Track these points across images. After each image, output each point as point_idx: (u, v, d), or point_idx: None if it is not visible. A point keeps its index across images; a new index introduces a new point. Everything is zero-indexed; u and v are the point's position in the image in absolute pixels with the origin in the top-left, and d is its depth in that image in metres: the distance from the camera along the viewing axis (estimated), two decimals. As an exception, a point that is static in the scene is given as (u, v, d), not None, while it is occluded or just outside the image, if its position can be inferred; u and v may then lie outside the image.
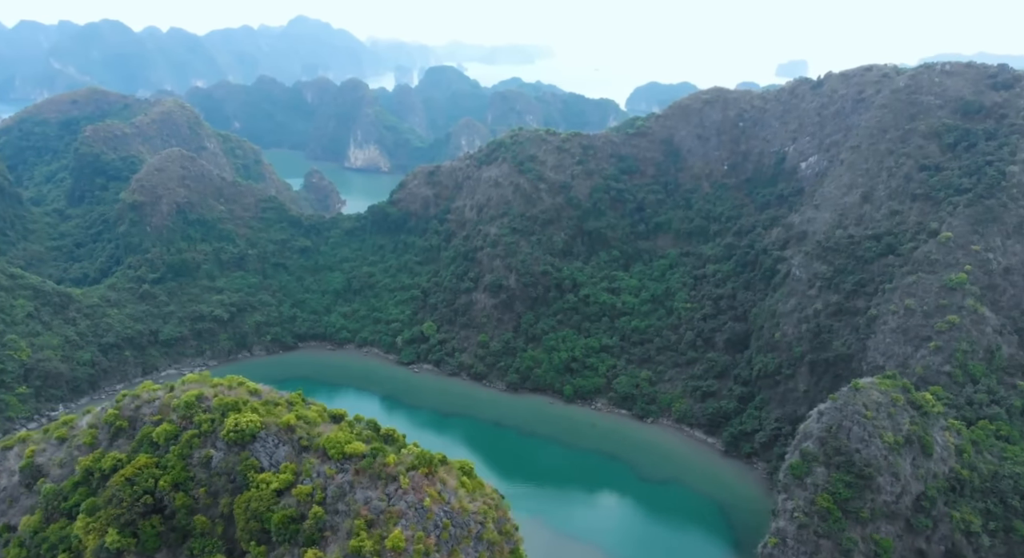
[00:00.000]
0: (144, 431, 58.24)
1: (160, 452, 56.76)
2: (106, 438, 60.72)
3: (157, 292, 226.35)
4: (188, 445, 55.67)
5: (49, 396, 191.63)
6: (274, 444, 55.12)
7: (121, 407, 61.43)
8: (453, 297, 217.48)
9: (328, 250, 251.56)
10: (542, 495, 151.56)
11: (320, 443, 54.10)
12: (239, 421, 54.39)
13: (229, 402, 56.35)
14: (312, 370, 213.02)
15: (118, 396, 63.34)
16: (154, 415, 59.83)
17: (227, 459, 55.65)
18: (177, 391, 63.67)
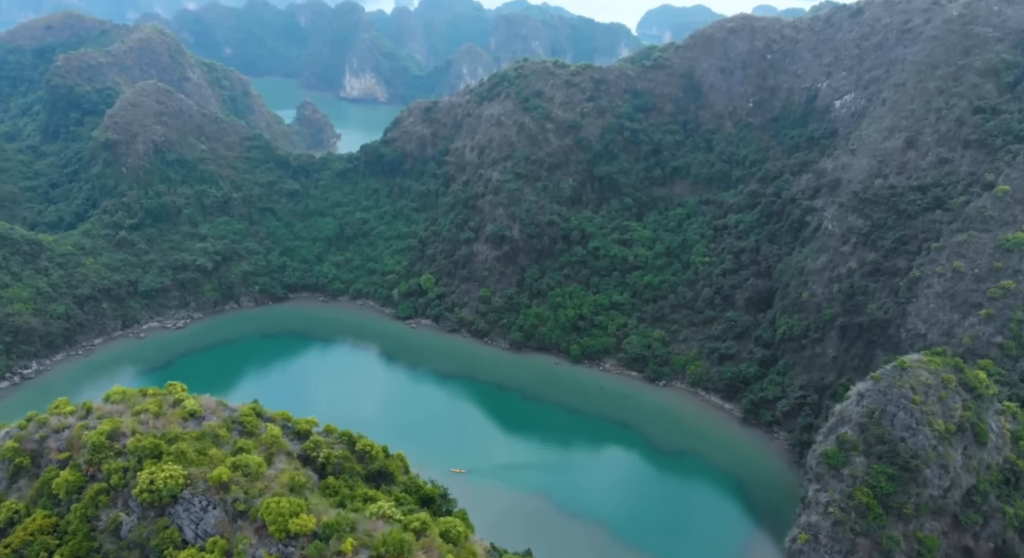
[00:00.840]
0: (45, 476, 45.33)
1: (62, 509, 44.09)
2: (4, 477, 47.88)
3: (135, 239, 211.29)
4: (93, 504, 42.93)
5: (21, 353, 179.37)
6: (201, 507, 42.16)
7: (23, 438, 48.25)
8: (452, 248, 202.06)
9: (318, 194, 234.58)
10: (545, 468, 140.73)
11: (260, 512, 41.17)
12: (156, 476, 41.31)
13: (147, 446, 43.06)
14: (303, 324, 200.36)
15: (21, 421, 50.30)
16: (60, 453, 46.79)
17: (140, 527, 42.83)
18: (92, 417, 50.25)
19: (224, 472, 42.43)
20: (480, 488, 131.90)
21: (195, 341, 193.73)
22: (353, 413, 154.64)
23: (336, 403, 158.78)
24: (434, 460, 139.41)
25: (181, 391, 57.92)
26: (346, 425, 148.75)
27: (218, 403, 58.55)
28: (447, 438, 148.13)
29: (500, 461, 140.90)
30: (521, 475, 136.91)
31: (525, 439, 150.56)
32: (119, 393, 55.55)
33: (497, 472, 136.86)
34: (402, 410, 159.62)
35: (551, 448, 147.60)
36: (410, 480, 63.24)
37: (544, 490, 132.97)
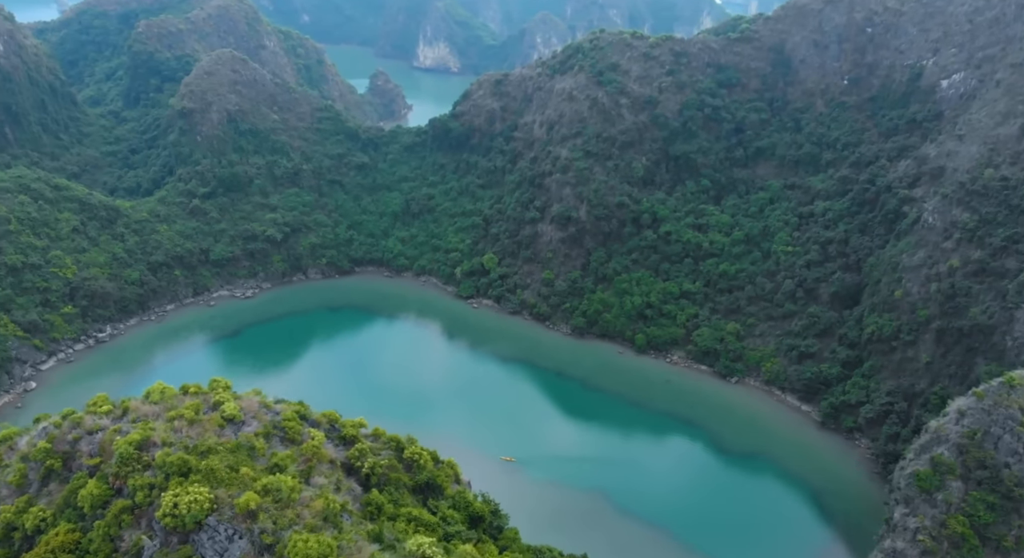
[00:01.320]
0: (73, 484, 42.89)
1: (86, 523, 41.58)
2: (36, 479, 45.91)
3: (208, 208, 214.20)
4: (117, 522, 40.15)
5: (96, 316, 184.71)
6: (227, 537, 38.80)
7: (56, 438, 46.06)
8: (517, 228, 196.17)
9: (386, 167, 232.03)
10: (604, 464, 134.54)
11: (287, 550, 37.34)
12: (181, 500, 38.06)
13: (175, 462, 39.81)
14: (366, 299, 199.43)
15: (56, 418, 48.16)
16: (91, 458, 44.25)
17: (162, 553, 40.09)
18: (127, 420, 47.51)
19: (253, 498, 38.80)
20: (534, 482, 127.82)
21: (263, 311, 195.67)
22: (409, 392, 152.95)
23: (393, 382, 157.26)
24: (486, 445, 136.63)
25: (223, 391, 54.74)
26: (401, 404, 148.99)
27: (261, 405, 55.14)
28: (501, 424, 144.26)
29: (556, 453, 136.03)
30: (578, 470, 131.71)
31: (583, 431, 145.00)
32: (159, 391, 52.77)
33: (552, 465, 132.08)
34: (458, 392, 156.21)
35: (611, 443, 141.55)
36: (459, 494, 58.71)
37: (602, 488, 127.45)
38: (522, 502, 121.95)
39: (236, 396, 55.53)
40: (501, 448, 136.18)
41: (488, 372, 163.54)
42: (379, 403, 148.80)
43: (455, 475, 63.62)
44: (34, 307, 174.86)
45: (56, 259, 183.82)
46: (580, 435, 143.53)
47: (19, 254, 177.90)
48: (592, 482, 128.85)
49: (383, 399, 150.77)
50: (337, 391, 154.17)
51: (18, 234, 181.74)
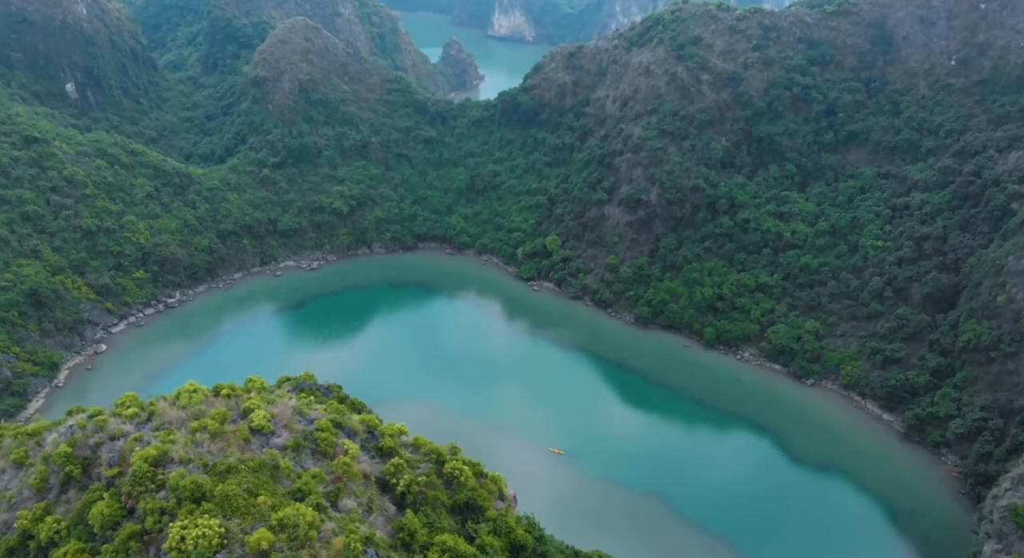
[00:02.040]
0: (87, 497, 40.19)
1: (96, 543, 39.05)
2: (56, 484, 43.85)
3: (277, 178, 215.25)
4: (124, 549, 37.25)
5: (166, 282, 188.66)
6: (237, 575, 35.75)
7: (77, 442, 43.73)
8: (582, 209, 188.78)
9: (453, 142, 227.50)
10: (663, 465, 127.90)
11: (301, 597, 34.01)
12: (189, 533, 34.80)
13: (187, 487, 36.46)
14: (428, 275, 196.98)
15: (82, 419, 45.89)
16: (110, 468, 41.62)
17: None
18: (150, 427, 44.56)
19: (266, 537, 35.18)
20: (585, 479, 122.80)
21: (327, 284, 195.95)
22: (463, 374, 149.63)
23: (448, 363, 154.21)
24: (536, 434, 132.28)
25: (256, 395, 51.31)
26: (455, 385, 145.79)
27: (295, 411, 51.57)
28: (554, 413, 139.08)
29: (611, 449, 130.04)
30: (634, 469, 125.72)
31: (642, 428, 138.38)
32: (188, 393, 49.79)
33: (606, 462, 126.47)
34: (512, 377, 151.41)
35: (671, 442, 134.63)
36: (501, 517, 54.06)
37: (660, 490, 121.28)
38: (571, 499, 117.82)
39: (270, 399, 52.15)
40: (551, 438, 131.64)
41: (545, 358, 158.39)
42: (433, 384, 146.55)
43: (499, 491, 58.94)
44: (107, 271, 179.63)
45: (130, 224, 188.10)
46: (638, 432, 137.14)
47: (94, 218, 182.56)
48: (648, 483, 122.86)
49: (437, 379, 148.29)
50: (393, 369, 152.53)
51: (94, 198, 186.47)
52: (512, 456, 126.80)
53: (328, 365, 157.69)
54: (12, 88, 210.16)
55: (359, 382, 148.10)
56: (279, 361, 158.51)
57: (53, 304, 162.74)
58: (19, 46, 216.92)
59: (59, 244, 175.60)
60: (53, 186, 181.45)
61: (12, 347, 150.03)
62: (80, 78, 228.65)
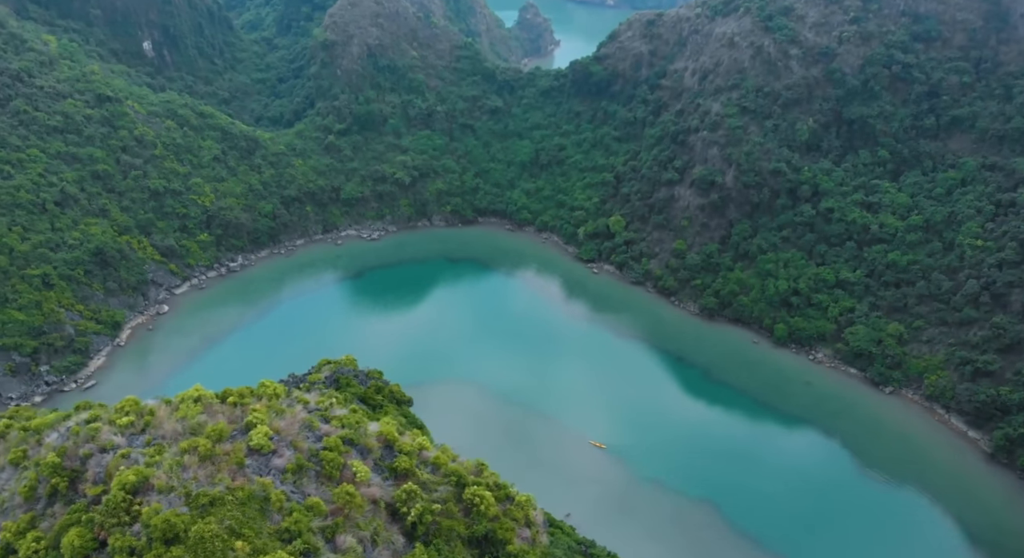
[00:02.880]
0: (65, 520, 36.66)
1: (69, 571, 36.19)
2: (44, 495, 41.01)
3: (342, 145, 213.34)
4: (92, 586, 34.10)
5: (229, 246, 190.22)
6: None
7: (67, 451, 40.65)
8: (651, 189, 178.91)
9: (520, 113, 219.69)
10: (720, 471, 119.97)
11: None
12: None
13: (159, 526, 32.53)
14: (486, 251, 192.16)
15: (76, 426, 42.58)
16: (94, 486, 38.28)
17: None
18: (141, 440, 40.86)
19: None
20: (635, 479, 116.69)
21: (386, 255, 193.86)
22: (511, 357, 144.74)
23: (498, 344, 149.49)
24: (583, 427, 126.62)
25: (262, 408, 47.10)
26: (501, 369, 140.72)
27: (303, 425, 47.27)
28: (606, 406, 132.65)
29: (664, 449, 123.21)
30: (687, 472, 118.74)
31: (699, 428, 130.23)
32: (190, 400, 45.98)
33: (658, 463, 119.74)
34: (563, 364, 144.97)
35: (730, 446, 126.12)
36: (523, 554, 48.69)
37: (713, 498, 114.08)
38: (616, 500, 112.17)
39: (279, 410, 47.94)
40: (600, 431, 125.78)
41: (600, 346, 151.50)
42: (482, 364, 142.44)
43: (525, 518, 53.60)
44: (172, 232, 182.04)
45: (196, 186, 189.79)
46: (694, 432, 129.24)
47: (162, 179, 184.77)
48: (701, 489, 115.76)
49: (487, 360, 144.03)
50: (444, 347, 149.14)
51: (163, 159, 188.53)
52: (555, 448, 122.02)
53: (380, 339, 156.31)
54: (90, 45, 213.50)
55: (408, 359, 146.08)
56: (332, 332, 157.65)
57: (118, 264, 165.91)
58: (98, 3, 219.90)
59: (127, 204, 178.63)
60: (124, 146, 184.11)
61: (76, 305, 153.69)
62: (157, 37, 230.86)
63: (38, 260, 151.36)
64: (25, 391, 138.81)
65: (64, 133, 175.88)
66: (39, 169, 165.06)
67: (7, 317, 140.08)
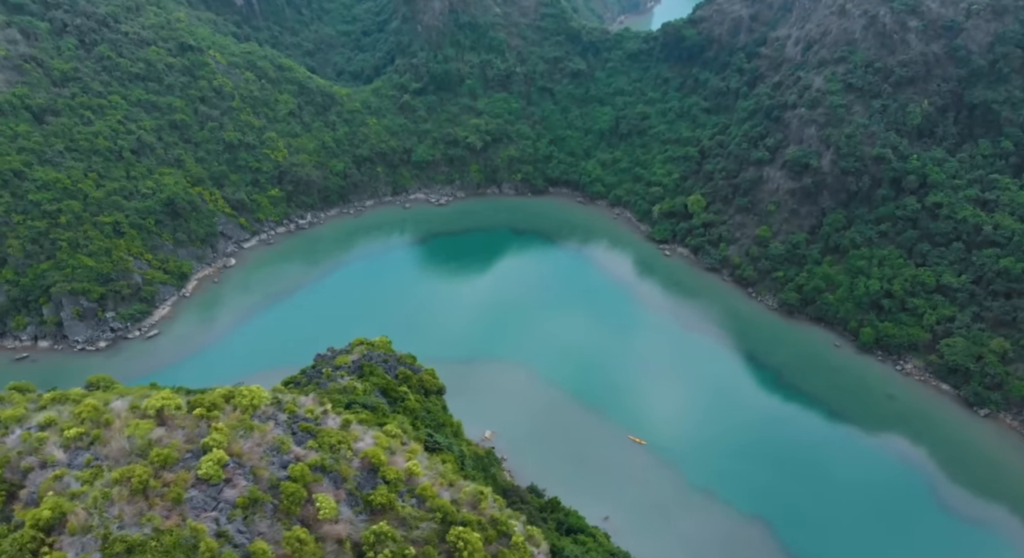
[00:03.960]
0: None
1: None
2: (2, 492, 37.96)
3: (417, 105, 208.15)
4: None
5: (299, 203, 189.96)
6: None
7: (11, 462, 36.90)
8: (737, 167, 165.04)
9: (603, 77, 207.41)
10: (781, 491, 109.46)
11: None
12: None
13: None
14: (553, 224, 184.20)
15: (26, 432, 38.95)
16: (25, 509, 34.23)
17: None
18: (82, 461, 36.79)
19: None
20: (683, 486, 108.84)
21: (451, 222, 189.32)
22: (565, 341, 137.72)
23: (553, 326, 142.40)
24: (629, 422, 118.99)
25: (231, 424, 42.08)
26: (552, 352, 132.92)
27: (272, 446, 42.20)
28: (661, 402, 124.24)
29: (718, 456, 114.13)
30: (742, 484, 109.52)
31: (762, 436, 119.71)
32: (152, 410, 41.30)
33: (711, 470, 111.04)
34: (619, 353, 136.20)
35: (793, 459, 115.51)
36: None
37: (768, 517, 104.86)
38: (661, 507, 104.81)
39: (249, 426, 43.04)
40: (645, 428, 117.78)
41: (663, 337, 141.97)
42: (533, 345, 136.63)
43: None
44: (244, 186, 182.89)
45: (270, 141, 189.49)
46: (755, 439, 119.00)
47: (237, 132, 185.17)
48: (755, 504, 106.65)
49: (538, 341, 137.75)
50: (497, 324, 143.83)
51: (239, 112, 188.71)
52: (599, 443, 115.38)
53: (435, 310, 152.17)
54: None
55: (460, 334, 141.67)
56: (389, 299, 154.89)
57: (189, 215, 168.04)
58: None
59: (202, 155, 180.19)
60: (202, 96, 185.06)
61: (145, 254, 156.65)
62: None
63: (111, 208, 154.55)
64: (91, 336, 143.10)
65: (145, 81, 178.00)
66: (119, 116, 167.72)
67: (77, 262, 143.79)
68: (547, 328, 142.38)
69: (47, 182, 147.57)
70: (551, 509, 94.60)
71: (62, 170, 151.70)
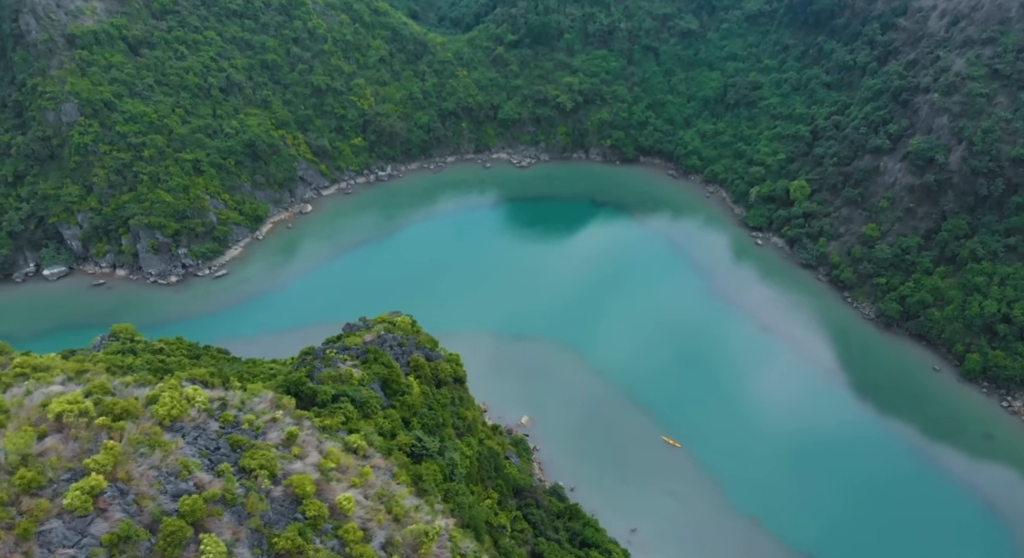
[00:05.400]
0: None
1: None
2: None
3: (510, 59, 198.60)
4: None
5: (381, 154, 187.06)
6: None
7: None
8: (852, 153, 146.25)
9: (715, 39, 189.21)
10: (840, 531, 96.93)
11: None
12: None
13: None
14: (638, 198, 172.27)
15: None
16: None
17: None
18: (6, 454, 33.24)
19: None
20: (723, 509, 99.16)
21: (530, 186, 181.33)
22: (622, 333, 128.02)
23: (615, 314, 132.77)
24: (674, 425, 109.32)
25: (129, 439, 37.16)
26: (611, 344, 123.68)
27: (167, 474, 37.19)
28: (716, 411, 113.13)
29: (771, 480, 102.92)
30: (795, 517, 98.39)
31: (828, 465, 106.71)
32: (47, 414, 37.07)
33: (759, 494, 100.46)
34: (682, 352, 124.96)
35: (861, 496, 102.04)
36: None
37: (814, 552, 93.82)
38: (693, 528, 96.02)
39: (154, 444, 38.17)
40: (690, 435, 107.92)
41: (736, 337, 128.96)
42: (587, 331, 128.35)
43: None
44: (327, 132, 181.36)
45: (358, 88, 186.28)
46: (819, 467, 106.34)
47: (326, 76, 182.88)
48: (806, 542, 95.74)
49: (594, 327, 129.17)
50: (554, 303, 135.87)
51: (330, 55, 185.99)
52: (639, 446, 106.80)
53: (495, 281, 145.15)
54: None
55: (515, 308, 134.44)
56: (452, 263, 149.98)
57: (269, 158, 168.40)
58: None
59: (289, 98, 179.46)
60: (296, 37, 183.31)
61: (222, 194, 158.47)
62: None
63: (193, 145, 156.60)
64: (163, 270, 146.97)
65: (242, 18, 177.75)
66: (212, 53, 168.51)
67: (156, 197, 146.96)
68: (607, 312, 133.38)
69: (135, 115, 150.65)
70: (569, 516, 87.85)
71: (150, 104, 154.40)
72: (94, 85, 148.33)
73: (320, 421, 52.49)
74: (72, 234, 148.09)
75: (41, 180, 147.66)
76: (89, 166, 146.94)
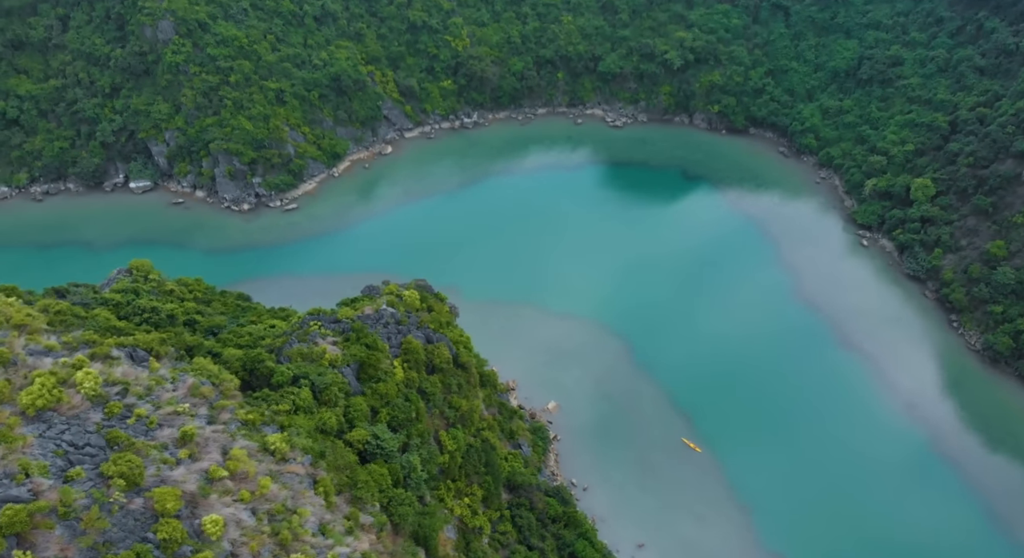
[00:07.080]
0: None
1: None
2: None
3: (620, 6, 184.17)
4: None
5: (469, 99, 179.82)
6: None
7: None
8: (991, 155, 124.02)
9: (858, 2, 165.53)
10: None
11: None
12: None
13: None
14: (737, 177, 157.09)
15: None
16: None
17: None
18: None
19: None
20: (749, 545, 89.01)
21: (620, 150, 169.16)
22: (671, 330, 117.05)
23: (665, 306, 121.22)
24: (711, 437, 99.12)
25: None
26: (667, 341, 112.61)
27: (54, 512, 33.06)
28: (762, 429, 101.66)
29: (810, 521, 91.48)
30: None
31: (882, 519, 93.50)
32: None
33: (791, 527, 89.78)
34: (738, 356, 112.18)
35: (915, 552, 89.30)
36: None
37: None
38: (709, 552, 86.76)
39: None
40: (728, 451, 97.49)
41: (808, 351, 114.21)
42: (638, 320, 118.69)
43: None
44: (418, 72, 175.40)
45: (454, 27, 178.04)
46: (873, 522, 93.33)
47: (424, 12, 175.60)
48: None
49: (645, 318, 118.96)
50: (613, 286, 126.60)
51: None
52: (663, 452, 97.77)
53: (559, 251, 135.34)
54: None
55: (572, 286, 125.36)
56: (521, 225, 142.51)
57: (354, 94, 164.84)
58: None
59: (384, 32, 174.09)
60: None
61: (303, 127, 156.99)
62: None
63: (279, 74, 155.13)
64: (237, 196, 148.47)
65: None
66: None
67: (237, 123, 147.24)
68: (669, 303, 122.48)
69: (226, 38, 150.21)
70: (565, 522, 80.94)
71: (243, 28, 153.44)
72: (191, 4, 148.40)
73: (245, 413, 47.78)
74: (159, 151, 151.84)
75: (135, 95, 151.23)
76: (179, 86, 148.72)
